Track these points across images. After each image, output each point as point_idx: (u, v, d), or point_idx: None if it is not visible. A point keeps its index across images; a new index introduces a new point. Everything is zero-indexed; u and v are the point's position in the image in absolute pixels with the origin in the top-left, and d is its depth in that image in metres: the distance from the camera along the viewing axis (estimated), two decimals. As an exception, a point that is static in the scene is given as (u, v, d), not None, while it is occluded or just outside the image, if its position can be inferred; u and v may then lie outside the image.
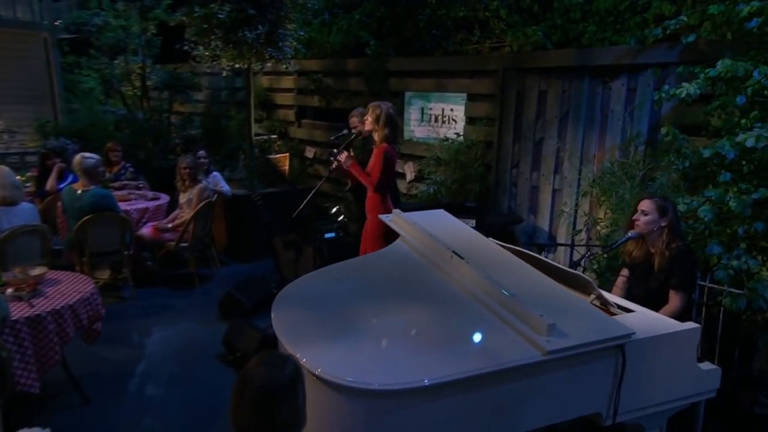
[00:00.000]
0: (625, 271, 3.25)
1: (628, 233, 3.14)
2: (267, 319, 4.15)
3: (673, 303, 2.97)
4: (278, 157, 6.82)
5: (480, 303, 2.46)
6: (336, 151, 4.19)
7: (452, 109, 5.56)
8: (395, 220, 3.38)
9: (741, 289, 3.05)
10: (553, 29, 4.95)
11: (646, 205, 3.05)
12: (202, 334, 4.52)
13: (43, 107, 8.62)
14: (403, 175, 5.97)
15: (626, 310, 2.72)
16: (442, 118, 5.68)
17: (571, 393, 2.28)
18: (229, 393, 1.65)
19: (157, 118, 8.43)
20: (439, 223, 3.24)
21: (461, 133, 5.43)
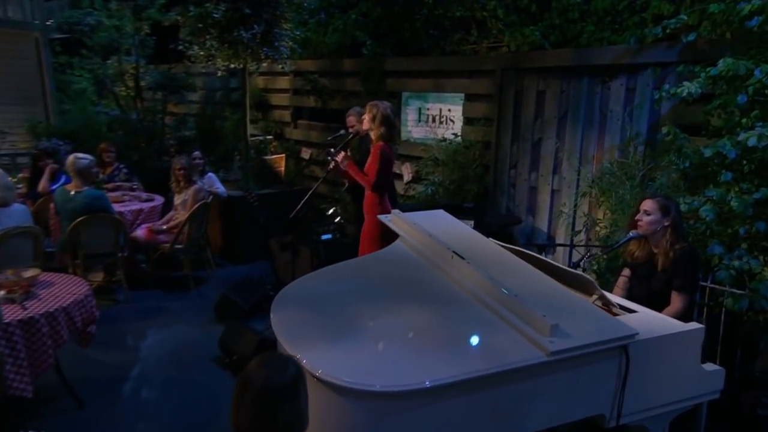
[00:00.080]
0: (627, 271, 3.23)
1: (629, 233, 3.12)
2: (263, 322, 4.21)
3: (675, 304, 2.95)
4: (274, 158, 6.78)
5: (481, 303, 2.44)
6: (333, 150, 4.17)
7: (450, 110, 5.54)
8: (394, 220, 3.36)
9: (742, 290, 3.04)
10: (550, 29, 4.94)
11: (648, 204, 3.03)
12: (198, 336, 4.48)
13: (35, 108, 8.54)
14: (401, 176, 5.94)
15: (628, 310, 2.71)
16: (439, 118, 5.65)
17: (575, 394, 2.26)
18: (225, 396, 1.62)
19: (151, 119, 8.39)
20: (438, 223, 3.23)
21: (459, 134, 5.41)
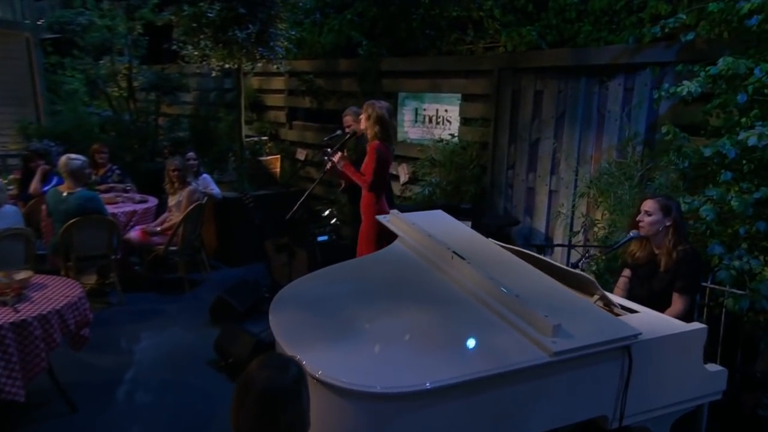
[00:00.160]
0: (627, 272, 3.21)
1: (629, 233, 3.10)
2: (259, 324, 4.18)
3: (677, 306, 2.93)
4: (269, 159, 6.74)
5: (482, 304, 2.42)
6: (330, 151, 4.15)
7: (447, 110, 5.51)
8: (393, 220, 3.34)
9: (743, 290, 3.02)
10: (547, 29, 4.92)
11: (649, 205, 3.01)
12: (193, 339, 4.43)
13: (26, 109, 8.46)
14: (397, 177, 5.90)
15: (630, 310, 2.69)
16: (436, 118, 5.63)
17: (577, 395, 2.24)
18: (221, 400, 1.59)
19: (144, 120, 8.34)
20: (437, 224, 3.21)
21: (456, 134, 5.39)
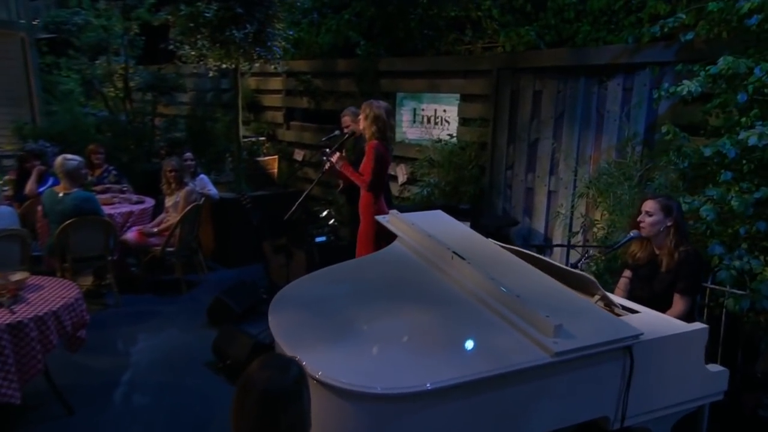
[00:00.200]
0: (627, 273, 3.20)
1: (630, 233, 3.09)
2: (257, 325, 4.16)
3: (678, 307, 2.92)
4: (267, 159, 6.71)
5: (483, 304, 2.41)
6: (328, 151, 4.13)
7: (445, 110, 5.50)
8: (392, 221, 3.33)
9: (743, 290, 3.01)
10: (546, 29, 4.92)
11: (649, 205, 2.99)
12: (191, 341, 4.40)
13: (21, 109, 8.39)
14: (395, 178, 5.88)
15: (631, 311, 2.68)
16: (434, 119, 5.61)
17: (579, 396, 2.23)
18: (219, 402, 1.57)
19: (141, 121, 8.30)
20: (437, 224, 3.20)
21: (454, 135, 5.37)
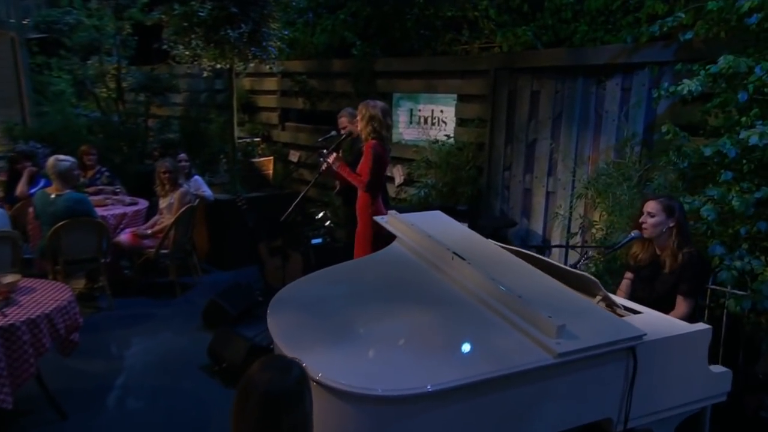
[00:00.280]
0: (629, 274, 3.17)
1: (631, 233, 3.07)
2: (253, 328, 4.12)
3: (681, 309, 2.89)
4: (261, 160, 6.66)
5: (484, 305, 2.38)
6: (325, 152, 4.10)
7: (442, 111, 5.47)
8: (391, 221, 3.30)
9: (744, 291, 3.00)
10: (543, 29, 4.90)
11: (651, 206, 2.96)
12: (185, 344, 4.35)
13: (11, 110, 8.31)
14: (392, 179, 5.85)
15: (632, 311, 2.66)
16: (431, 119, 5.58)
17: (582, 398, 2.21)
18: (215, 405, 1.53)
19: (133, 122, 8.22)
20: (436, 224, 3.17)
21: (452, 135, 5.34)
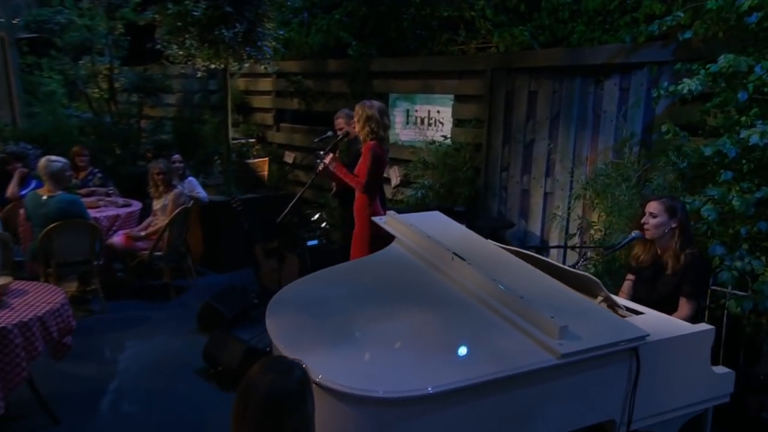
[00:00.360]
0: (631, 276, 3.16)
1: (631, 233, 3.05)
2: (248, 331, 4.07)
3: (683, 310, 2.88)
4: (256, 162, 6.61)
5: (484, 305, 2.35)
6: (322, 153, 4.07)
7: (439, 111, 5.45)
8: (389, 222, 3.27)
9: (745, 291, 2.98)
10: (540, 29, 4.88)
11: (653, 206, 2.94)
12: (180, 347, 4.29)
13: (1, 111, 8.20)
14: (388, 180, 5.82)
15: (635, 312, 2.64)
16: (428, 120, 5.56)
17: (584, 399, 2.19)
18: (211, 409, 1.50)
19: (126, 122, 8.14)
20: (435, 225, 3.15)
21: (449, 136, 5.32)
